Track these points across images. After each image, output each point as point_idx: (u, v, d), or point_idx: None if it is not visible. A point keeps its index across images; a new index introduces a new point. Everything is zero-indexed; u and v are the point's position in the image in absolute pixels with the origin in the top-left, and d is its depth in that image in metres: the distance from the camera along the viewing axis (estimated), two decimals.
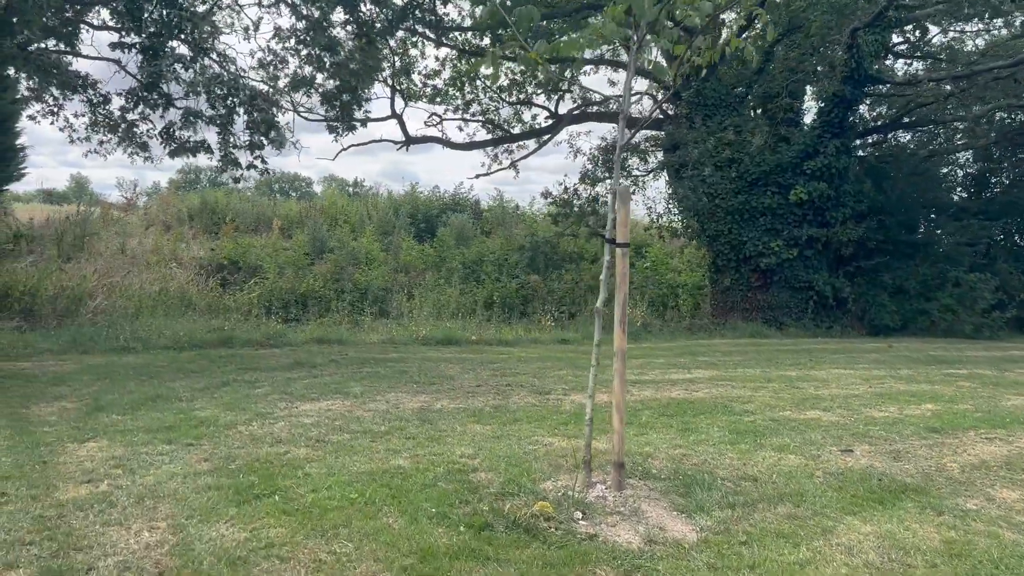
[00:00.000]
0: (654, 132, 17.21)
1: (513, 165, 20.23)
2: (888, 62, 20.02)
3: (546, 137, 18.52)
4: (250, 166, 11.90)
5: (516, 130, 19.89)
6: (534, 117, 20.48)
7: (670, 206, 16.28)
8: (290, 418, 6.91)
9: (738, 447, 6.31)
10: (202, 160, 12.36)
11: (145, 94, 11.16)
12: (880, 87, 17.40)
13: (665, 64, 14.43)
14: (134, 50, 10.82)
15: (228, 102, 10.86)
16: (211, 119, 11.16)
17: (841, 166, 15.71)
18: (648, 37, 4.78)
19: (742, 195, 15.48)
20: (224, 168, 11.86)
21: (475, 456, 5.78)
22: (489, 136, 20.08)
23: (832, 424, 7.33)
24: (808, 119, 17.37)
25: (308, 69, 12.64)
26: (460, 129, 20.26)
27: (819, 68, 17.26)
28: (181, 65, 10.90)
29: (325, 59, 11.60)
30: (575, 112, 17.77)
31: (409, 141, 20.05)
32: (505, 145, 20.13)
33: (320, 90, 13.92)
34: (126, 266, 18.68)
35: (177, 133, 11.62)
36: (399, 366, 10.08)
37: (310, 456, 5.68)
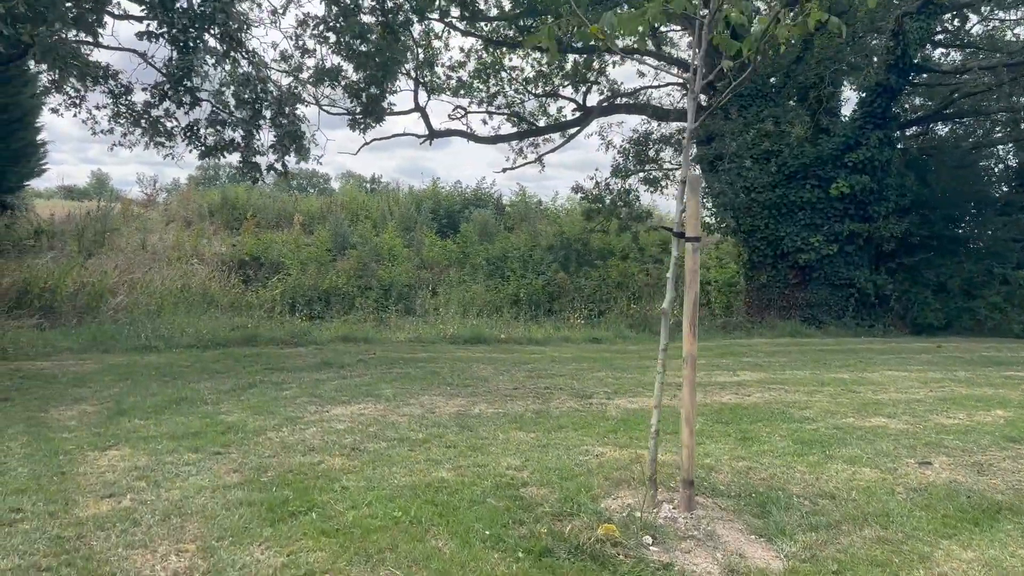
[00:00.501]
0: (686, 124, 16.61)
1: (539, 159, 19.75)
2: (926, 51, 19.30)
3: (574, 130, 18.00)
4: (270, 168, 11.52)
5: (541, 123, 19.38)
6: (559, 110, 19.98)
7: (704, 200, 15.70)
8: (321, 423, 6.51)
9: (806, 459, 5.81)
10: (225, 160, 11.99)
11: (171, 89, 10.75)
12: (923, 76, 16.73)
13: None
14: (163, 40, 10.42)
15: (256, 106, 10.47)
16: (238, 122, 10.79)
17: (884, 158, 15.09)
18: (726, 6, 4.30)
19: (780, 189, 14.91)
20: (246, 172, 11.50)
21: (523, 468, 5.33)
22: (514, 129, 19.59)
23: (901, 432, 6.80)
24: (846, 110, 16.76)
25: (335, 60, 12.24)
26: (484, 122, 19.87)
27: (854, 58, 16.63)
28: (212, 59, 10.49)
29: (355, 46, 11.18)
30: (604, 104, 17.23)
31: (433, 135, 19.62)
32: (531, 139, 19.63)
33: (344, 82, 13.51)
34: (147, 262, 18.43)
35: (203, 132, 11.24)
36: (430, 366, 9.66)
37: (346, 467, 5.26)
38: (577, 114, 18.48)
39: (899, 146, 17.55)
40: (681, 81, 18.89)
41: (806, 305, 15.25)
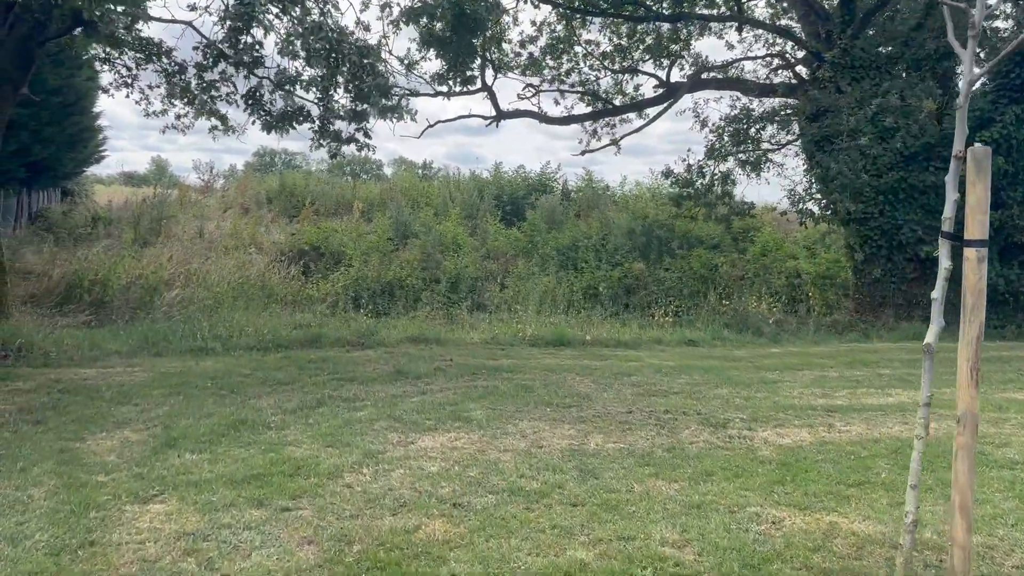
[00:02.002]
0: (784, 99, 14.90)
1: (614, 142, 18.18)
2: None
3: (658, 108, 16.39)
4: (350, 139, 10.20)
5: (617, 102, 17.81)
6: (636, 88, 18.37)
7: (809, 183, 14.01)
8: (408, 462, 5.28)
9: None
10: (291, 137, 10.69)
11: (229, 45, 9.43)
12: None
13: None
14: None
15: (331, 59, 9.10)
16: (310, 82, 9.49)
17: (1021, 136, 13.18)
18: None
19: (898, 171, 13.12)
20: (321, 143, 10.21)
21: (684, 544, 4.00)
22: (589, 109, 18.06)
23: None
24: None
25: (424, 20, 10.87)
26: (556, 102, 18.30)
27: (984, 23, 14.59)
28: (278, 5, 9.13)
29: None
30: (694, 78, 15.56)
31: (500, 116, 18.24)
32: (606, 119, 18.10)
33: (430, 28, 12.08)
34: (204, 251, 17.64)
35: (267, 97, 9.99)
36: (517, 378, 8.37)
37: (451, 536, 4.01)
38: (659, 91, 16.86)
39: None
40: (777, 52, 17.12)
41: (927, 303, 13.39)
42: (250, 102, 10.07)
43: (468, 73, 12.66)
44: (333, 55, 9.00)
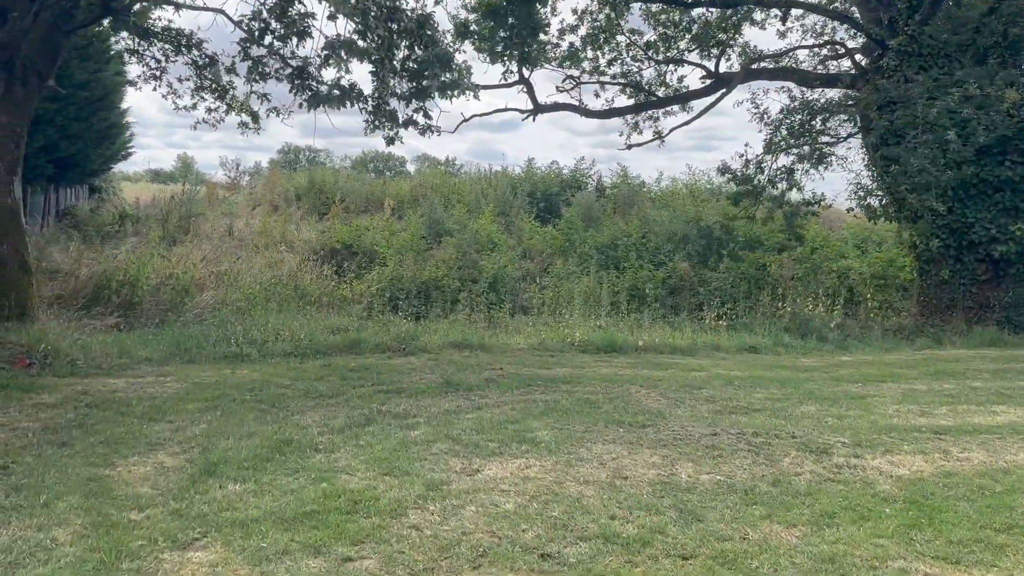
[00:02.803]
0: (844, 89, 13.98)
1: (659, 136, 17.38)
2: None
3: (708, 100, 15.55)
4: (409, 121, 9.48)
5: (661, 93, 16.99)
6: (680, 80, 17.51)
7: (879, 177, 13.08)
8: (478, 495, 4.63)
9: None
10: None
11: (275, 19, 8.72)
12: None
13: None
14: None
15: (388, 27, 8.35)
16: (364, 51, 8.76)
17: None
18: None
19: (969, 166, 12.25)
20: (376, 124, 9.49)
21: None
22: (631, 101, 17.27)
23: None
24: None
25: None
26: (597, 95, 17.52)
27: None
28: None
29: None
30: (747, 67, 14.70)
31: (538, 109, 17.52)
32: (649, 112, 17.30)
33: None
34: (234, 250, 17.16)
35: (314, 74, 9.32)
36: (577, 391, 7.69)
37: None
38: (706, 83, 16.03)
39: None
40: (828, 40, 16.24)
41: (1001, 306, 12.57)
42: (296, 80, 9.36)
43: (526, 49, 11.80)
44: (389, 22, 8.28)
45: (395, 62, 8.85)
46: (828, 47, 15.72)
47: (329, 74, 15.57)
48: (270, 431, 5.83)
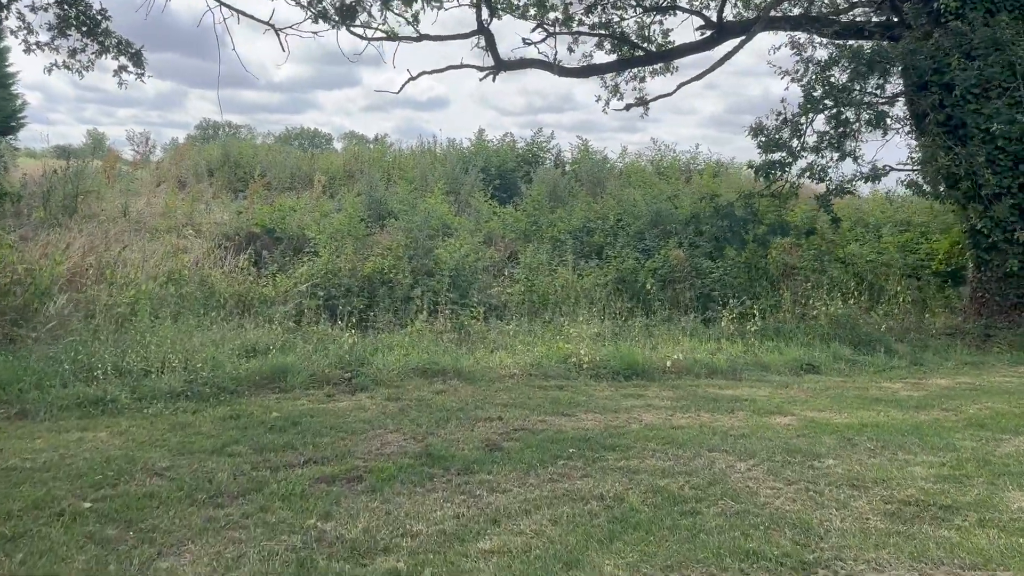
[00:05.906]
0: (878, 42, 11.52)
1: (642, 102, 14.70)
2: None
3: (719, 53, 12.91)
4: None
5: (652, 48, 14.29)
6: (666, 33, 14.79)
7: (912, 155, 10.86)
8: None
9: None
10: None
11: None
12: None
13: None
14: None
15: None
16: None
17: None
18: None
19: None
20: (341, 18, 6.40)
21: None
22: (614, 57, 14.50)
23: None
24: None
25: None
26: (571, 50, 14.68)
27: None
28: None
29: None
30: (766, 13, 12.04)
31: (501, 66, 14.60)
32: (635, 69, 14.60)
33: None
34: (124, 235, 13.72)
35: None
36: (636, 466, 4.96)
37: None
38: (706, 34, 13.40)
39: None
40: None
41: None
42: None
43: None
44: None
45: None
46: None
47: None
48: None
